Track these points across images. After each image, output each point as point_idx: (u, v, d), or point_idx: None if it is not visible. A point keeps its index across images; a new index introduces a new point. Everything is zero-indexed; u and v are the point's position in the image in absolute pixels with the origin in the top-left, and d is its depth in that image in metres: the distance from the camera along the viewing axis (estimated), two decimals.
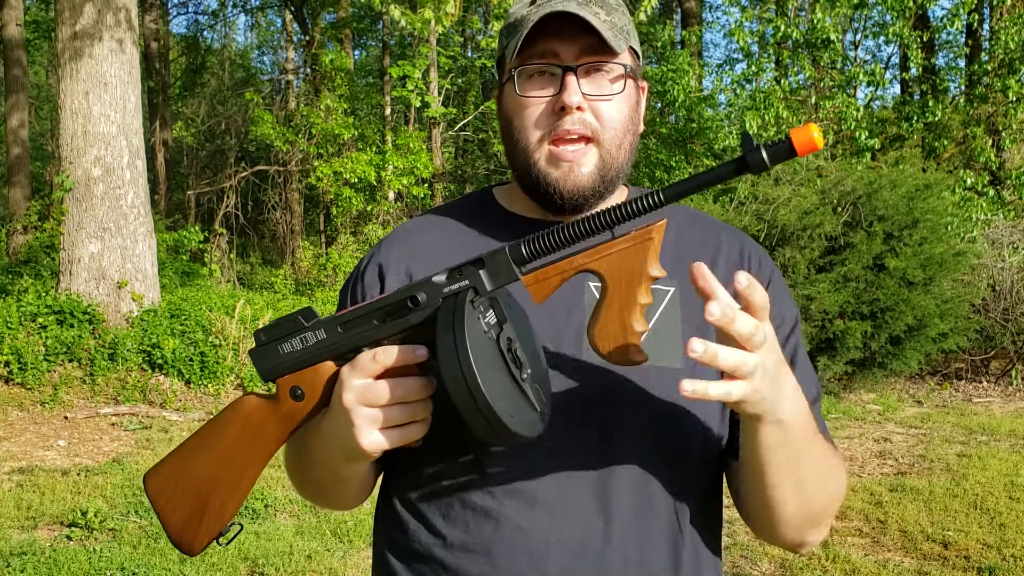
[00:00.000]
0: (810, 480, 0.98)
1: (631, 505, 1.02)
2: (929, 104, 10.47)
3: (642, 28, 12.69)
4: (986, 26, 12.89)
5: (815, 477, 0.99)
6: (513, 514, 1.02)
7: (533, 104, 1.06)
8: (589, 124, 1.05)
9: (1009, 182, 10.20)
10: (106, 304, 7.58)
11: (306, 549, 3.98)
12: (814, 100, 11.04)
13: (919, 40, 10.86)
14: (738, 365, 0.81)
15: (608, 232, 0.87)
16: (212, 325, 7.70)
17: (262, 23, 27.71)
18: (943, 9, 21.03)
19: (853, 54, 13.16)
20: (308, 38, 19.26)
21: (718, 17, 24.43)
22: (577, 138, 1.05)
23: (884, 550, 4.04)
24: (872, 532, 4.27)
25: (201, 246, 12.97)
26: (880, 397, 7.74)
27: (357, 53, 24.62)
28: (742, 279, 0.79)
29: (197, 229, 12.73)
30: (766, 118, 10.18)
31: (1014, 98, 10.15)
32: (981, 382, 8.33)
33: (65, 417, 6.43)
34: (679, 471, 1.04)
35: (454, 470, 1.05)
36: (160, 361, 7.20)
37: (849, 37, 14.44)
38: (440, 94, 14.55)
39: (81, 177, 7.59)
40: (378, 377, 0.91)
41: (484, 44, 14.28)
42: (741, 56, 13.90)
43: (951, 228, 8.05)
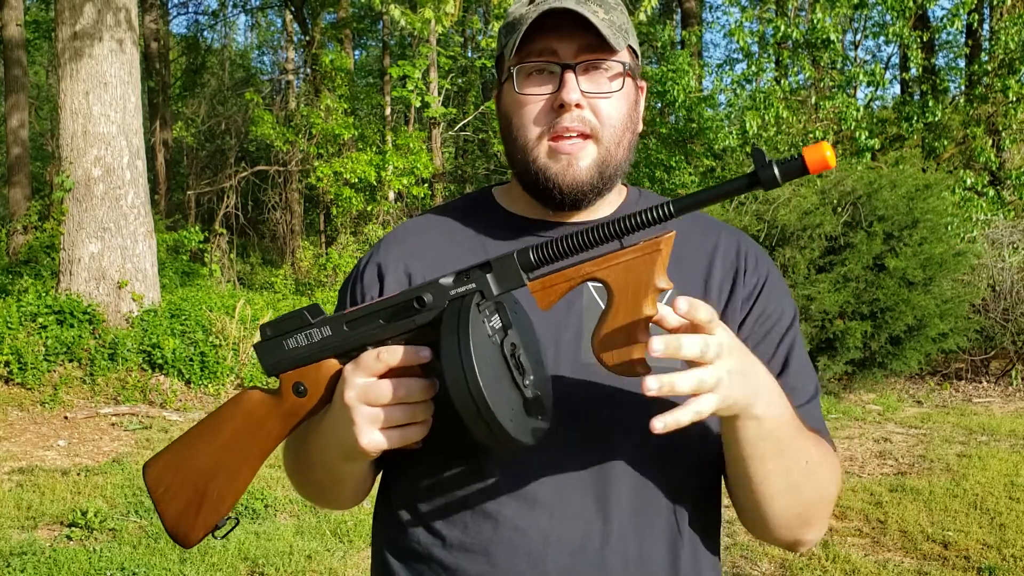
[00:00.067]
0: (797, 475, 0.98)
1: (630, 505, 1.02)
2: (929, 104, 10.46)
3: (642, 28, 12.68)
4: (986, 26, 12.88)
5: (802, 472, 0.99)
6: (512, 514, 1.01)
7: (532, 102, 1.06)
8: (588, 121, 1.05)
9: (1009, 182, 10.19)
10: (106, 304, 7.58)
11: (306, 549, 3.98)
12: (814, 100, 11.04)
13: (919, 40, 10.85)
14: (697, 386, 0.83)
15: (616, 241, 0.87)
16: (212, 325, 7.69)
17: (262, 23, 27.74)
18: (943, 9, 21.02)
19: (853, 54, 13.16)
20: (308, 38, 19.26)
21: (718, 17, 24.47)
22: (576, 135, 1.05)
23: (884, 550, 4.04)
24: (872, 532, 4.27)
25: (201, 246, 12.98)
26: (880, 397, 7.73)
27: (357, 53, 24.64)
28: (681, 305, 0.81)
29: (197, 229, 12.74)
30: (766, 118, 10.18)
31: (1014, 98, 10.14)
32: (981, 382, 8.32)
33: (65, 417, 6.43)
34: (678, 471, 1.04)
35: (453, 471, 1.05)
36: (160, 361, 7.20)
37: (849, 37, 14.45)
38: (440, 94, 14.54)
39: (81, 177, 7.59)
40: (381, 377, 0.91)
41: (484, 44, 14.28)
42: (741, 56, 13.90)
43: (951, 228, 8.05)
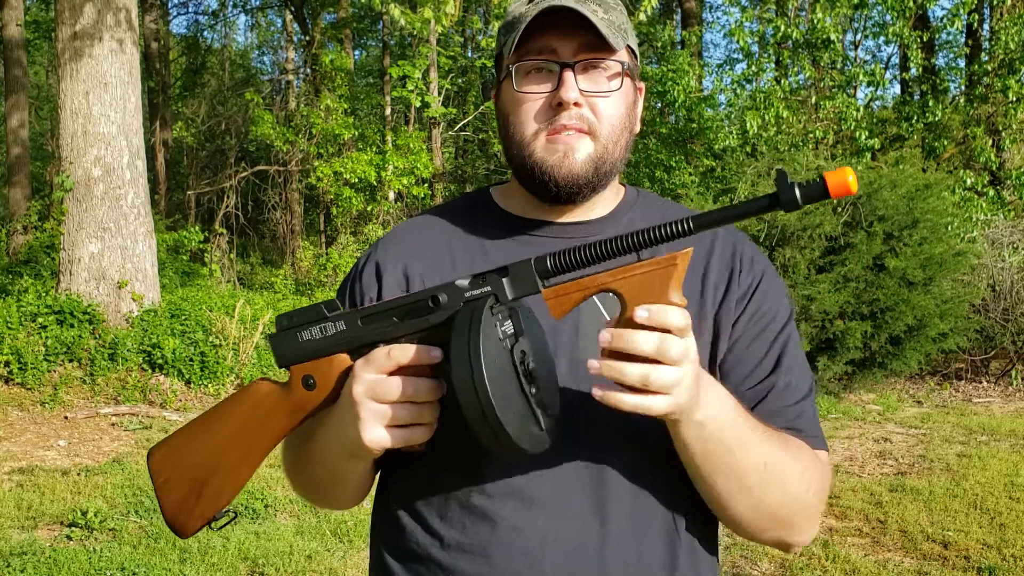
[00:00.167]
0: (754, 477, 0.97)
1: (628, 506, 1.02)
2: (929, 104, 10.47)
3: (642, 28, 12.67)
4: (986, 26, 12.88)
5: (760, 474, 0.97)
6: (510, 515, 1.02)
7: (530, 100, 1.06)
8: (586, 119, 1.05)
9: (1009, 182, 10.19)
10: (106, 304, 7.58)
11: (306, 549, 3.98)
12: (814, 100, 11.04)
13: (919, 40, 10.85)
14: (644, 379, 0.84)
15: (633, 254, 0.87)
16: (212, 325, 7.69)
17: (262, 23, 27.74)
18: (943, 9, 21.04)
19: (853, 54, 13.15)
20: (308, 38, 19.26)
21: (718, 17, 24.44)
22: (574, 131, 1.05)
23: (884, 550, 4.03)
24: (872, 532, 4.27)
25: (201, 246, 12.98)
26: (880, 397, 7.73)
27: (357, 53, 24.64)
28: (640, 314, 0.83)
29: (197, 229, 12.73)
30: (766, 118, 10.17)
31: (1014, 98, 10.14)
32: (981, 382, 8.32)
33: (65, 417, 6.43)
34: (675, 472, 1.04)
35: (451, 471, 1.05)
36: (160, 361, 7.20)
37: (849, 37, 14.43)
38: (440, 94, 14.54)
39: (81, 177, 7.59)
40: (391, 374, 0.91)
41: (484, 44, 14.29)
42: (741, 56, 13.91)
43: (951, 228, 8.05)
